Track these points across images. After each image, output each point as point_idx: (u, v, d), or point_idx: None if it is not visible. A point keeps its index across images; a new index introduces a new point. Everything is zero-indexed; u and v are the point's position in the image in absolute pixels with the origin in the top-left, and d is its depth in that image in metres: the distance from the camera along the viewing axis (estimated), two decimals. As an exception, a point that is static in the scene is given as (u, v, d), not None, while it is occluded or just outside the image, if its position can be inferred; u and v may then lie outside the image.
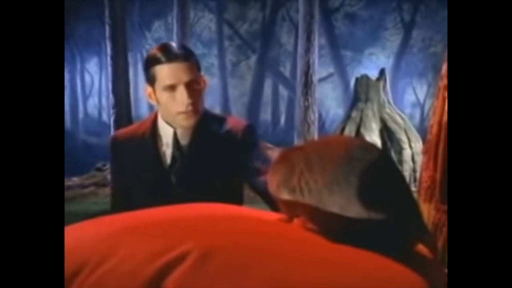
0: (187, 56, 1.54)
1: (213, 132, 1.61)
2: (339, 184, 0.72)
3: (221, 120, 1.67)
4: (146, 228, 0.72)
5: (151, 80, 1.55)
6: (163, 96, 1.53)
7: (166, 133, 1.61)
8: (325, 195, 0.72)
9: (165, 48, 1.55)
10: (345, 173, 0.72)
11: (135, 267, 0.62)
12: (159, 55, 1.52)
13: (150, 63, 1.54)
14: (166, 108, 1.55)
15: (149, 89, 1.58)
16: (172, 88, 1.51)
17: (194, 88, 1.53)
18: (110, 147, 1.70)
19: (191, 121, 1.56)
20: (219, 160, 1.56)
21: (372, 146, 0.79)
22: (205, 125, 1.60)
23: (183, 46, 1.62)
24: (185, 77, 1.51)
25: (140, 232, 0.70)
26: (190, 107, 1.52)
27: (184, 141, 1.61)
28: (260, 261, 0.65)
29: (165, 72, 1.51)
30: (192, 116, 1.55)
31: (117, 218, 0.79)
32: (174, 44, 1.58)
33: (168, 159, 1.61)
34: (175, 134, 1.59)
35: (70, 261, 0.64)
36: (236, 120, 1.71)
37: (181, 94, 1.50)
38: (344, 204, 0.71)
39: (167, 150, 1.62)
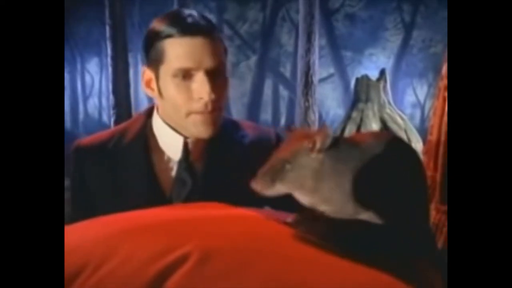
0: (211, 30, 1.02)
1: (237, 144, 1.11)
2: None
3: (239, 126, 1.16)
4: (146, 229, 0.72)
5: (155, 60, 1.03)
6: (171, 85, 1.01)
7: (168, 143, 1.08)
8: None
9: (178, 16, 1.02)
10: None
11: (136, 269, 0.62)
12: (170, 24, 1.01)
13: (156, 36, 1.03)
14: (173, 103, 1.03)
15: (149, 74, 1.06)
16: (187, 74, 1.00)
17: (218, 79, 1.02)
18: (73, 160, 1.11)
19: (210, 128, 1.03)
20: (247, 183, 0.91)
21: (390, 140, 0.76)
22: (226, 135, 1.09)
23: (203, 17, 1.05)
24: (208, 59, 1.00)
25: (141, 233, 0.70)
26: (210, 106, 1.01)
27: (197, 156, 1.07)
28: (260, 262, 0.65)
29: (179, 49, 0.99)
30: (213, 120, 1.03)
31: (117, 218, 0.79)
32: (190, 12, 1.03)
33: (170, 181, 1.06)
34: (185, 146, 1.06)
35: (70, 262, 0.64)
36: (259, 127, 1.20)
37: (201, 84, 0.99)
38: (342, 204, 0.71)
39: (169, 167, 1.08)
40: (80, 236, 0.71)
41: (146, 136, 1.10)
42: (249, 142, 1.12)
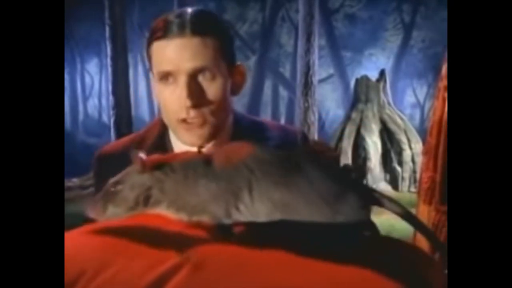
0: (204, 28, 0.93)
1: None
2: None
3: (264, 128, 1.08)
4: (143, 236, 0.71)
5: (150, 65, 0.99)
6: (160, 89, 0.96)
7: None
8: None
9: (168, 17, 0.95)
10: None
11: (132, 277, 0.62)
12: (156, 27, 0.95)
13: (147, 40, 0.98)
14: (164, 108, 0.98)
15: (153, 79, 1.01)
16: (171, 78, 0.94)
17: (204, 83, 0.93)
18: (95, 170, 1.08)
19: (194, 137, 0.96)
20: None
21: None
22: (250, 138, 0.89)
23: (206, 15, 0.97)
24: (188, 62, 0.91)
25: (137, 240, 0.70)
26: (193, 112, 0.93)
27: None
28: (256, 266, 0.65)
29: (161, 51, 0.93)
30: (197, 128, 0.95)
31: (115, 224, 0.79)
32: (184, 11, 0.96)
33: None
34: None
35: (67, 269, 0.64)
36: (284, 127, 1.12)
37: (181, 88, 0.92)
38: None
39: None
40: (78, 242, 0.71)
41: (164, 147, 1.02)
42: (274, 145, 1.02)
